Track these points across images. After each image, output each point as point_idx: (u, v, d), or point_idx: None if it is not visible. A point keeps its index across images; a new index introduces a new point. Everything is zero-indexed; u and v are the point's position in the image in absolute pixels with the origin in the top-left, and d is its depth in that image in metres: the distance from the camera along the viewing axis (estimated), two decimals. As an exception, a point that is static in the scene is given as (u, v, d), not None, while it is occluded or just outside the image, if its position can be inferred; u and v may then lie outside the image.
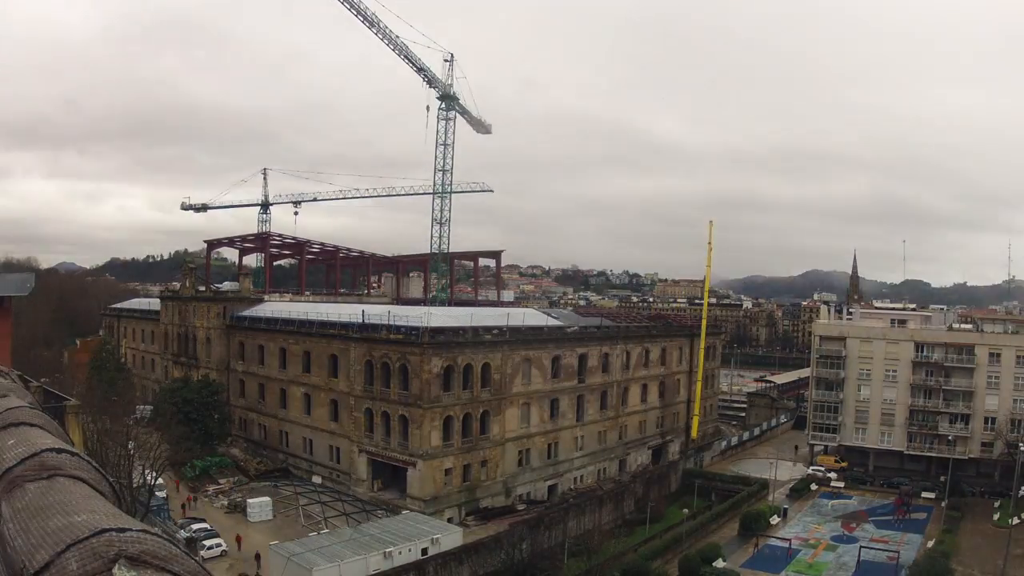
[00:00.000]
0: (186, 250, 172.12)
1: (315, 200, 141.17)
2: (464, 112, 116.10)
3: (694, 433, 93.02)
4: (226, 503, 63.91)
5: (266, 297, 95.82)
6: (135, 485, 52.29)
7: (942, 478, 79.88)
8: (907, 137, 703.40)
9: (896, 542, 65.32)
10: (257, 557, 50.72)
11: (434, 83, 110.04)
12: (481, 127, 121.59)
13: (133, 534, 2.18)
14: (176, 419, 67.09)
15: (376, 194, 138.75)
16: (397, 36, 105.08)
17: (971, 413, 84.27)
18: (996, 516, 71.67)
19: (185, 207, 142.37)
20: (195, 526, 54.82)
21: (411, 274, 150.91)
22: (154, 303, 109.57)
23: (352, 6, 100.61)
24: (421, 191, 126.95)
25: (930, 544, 63.72)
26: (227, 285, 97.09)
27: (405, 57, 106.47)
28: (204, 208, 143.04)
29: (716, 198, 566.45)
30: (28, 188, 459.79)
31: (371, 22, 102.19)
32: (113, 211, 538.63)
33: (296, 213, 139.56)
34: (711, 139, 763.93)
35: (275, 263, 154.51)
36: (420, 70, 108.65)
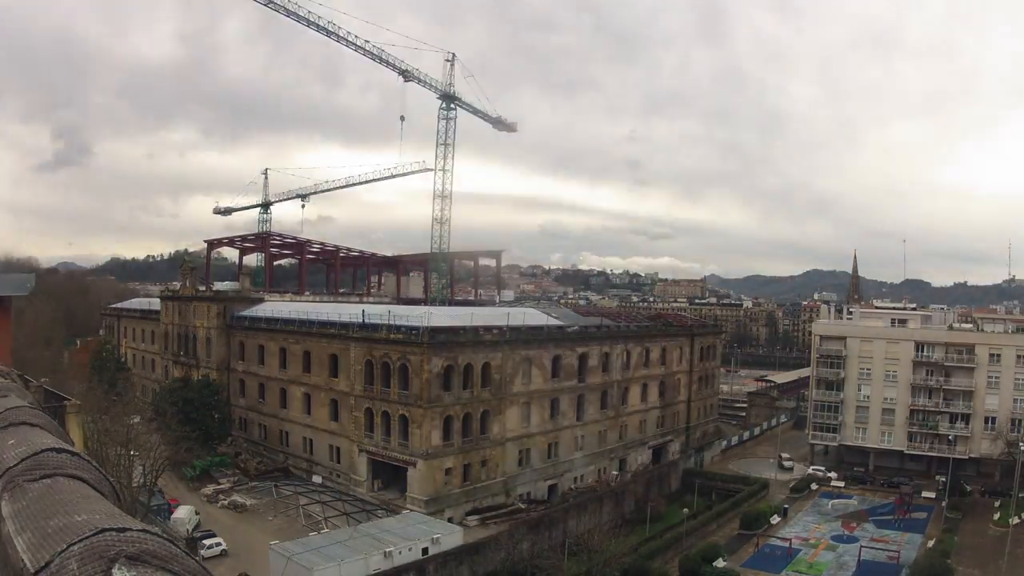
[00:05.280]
0: (186, 250, 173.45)
1: (315, 193, 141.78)
2: (478, 112, 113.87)
3: None
4: (226, 503, 63.94)
5: (266, 297, 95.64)
6: (135, 485, 52.32)
7: (938, 478, 79.95)
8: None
9: (896, 542, 65.35)
10: None
11: (418, 81, 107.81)
12: (503, 126, 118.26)
13: (133, 534, 2.18)
14: (176, 419, 67.07)
15: (376, 177, 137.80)
16: (367, 41, 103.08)
17: (971, 413, 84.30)
18: (996, 516, 71.68)
19: (216, 211, 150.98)
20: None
21: (411, 274, 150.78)
22: (154, 303, 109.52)
23: (309, 22, 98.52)
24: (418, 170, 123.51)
25: (930, 544, 63.77)
26: (227, 285, 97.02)
27: (383, 61, 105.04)
28: (229, 211, 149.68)
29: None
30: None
31: (328, 31, 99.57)
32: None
33: (303, 207, 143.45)
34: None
35: (275, 263, 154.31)
36: (404, 72, 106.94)
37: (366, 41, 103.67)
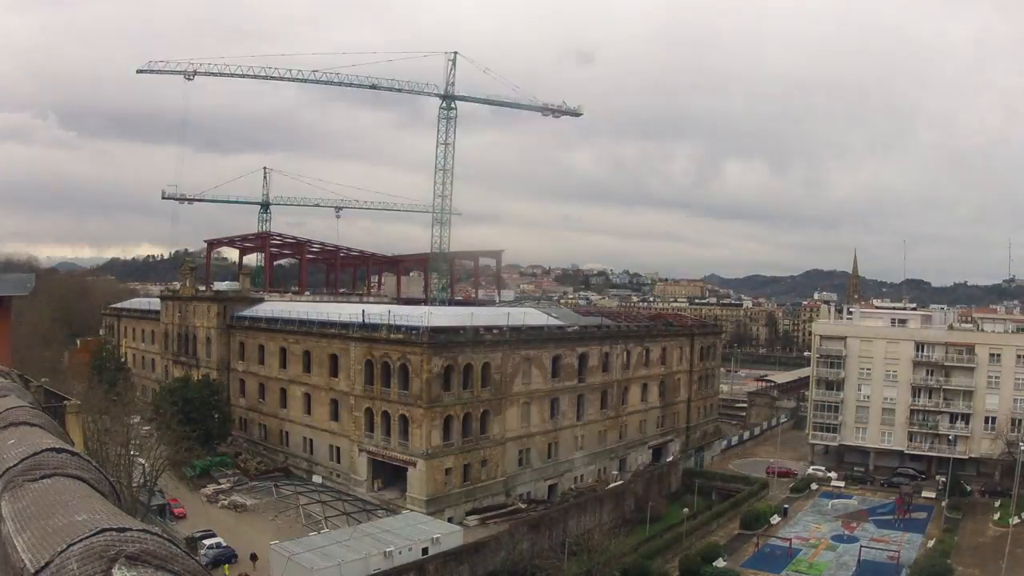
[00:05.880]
0: (186, 250, 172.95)
1: (317, 206, 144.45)
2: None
3: None
4: (226, 503, 63.93)
5: (266, 297, 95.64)
6: (135, 485, 52.32)
7: (938, 478, 79.91)
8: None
9: (896, 542, 65.33)
10: (253, 558, 50.40)
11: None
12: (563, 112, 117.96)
13: (133, 534, 2.19)
14: (176, 419, 67.05)
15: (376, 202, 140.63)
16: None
17: (971, 413, 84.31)
18: (996, 516, 71.68)
19: (165, 196, 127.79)
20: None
21: (411, 274, 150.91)
22: (154, 303, 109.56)
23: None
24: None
25: (930, 544, 63.77)
26: (227, 285, 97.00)
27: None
28: (187, 199, 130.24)
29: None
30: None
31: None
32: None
33: (338, 217, 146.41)
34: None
35: (275, 263, 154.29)
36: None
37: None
